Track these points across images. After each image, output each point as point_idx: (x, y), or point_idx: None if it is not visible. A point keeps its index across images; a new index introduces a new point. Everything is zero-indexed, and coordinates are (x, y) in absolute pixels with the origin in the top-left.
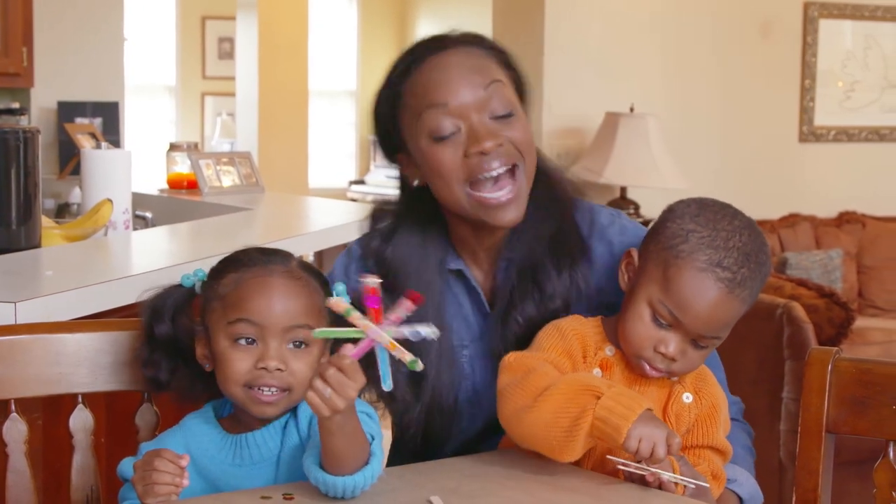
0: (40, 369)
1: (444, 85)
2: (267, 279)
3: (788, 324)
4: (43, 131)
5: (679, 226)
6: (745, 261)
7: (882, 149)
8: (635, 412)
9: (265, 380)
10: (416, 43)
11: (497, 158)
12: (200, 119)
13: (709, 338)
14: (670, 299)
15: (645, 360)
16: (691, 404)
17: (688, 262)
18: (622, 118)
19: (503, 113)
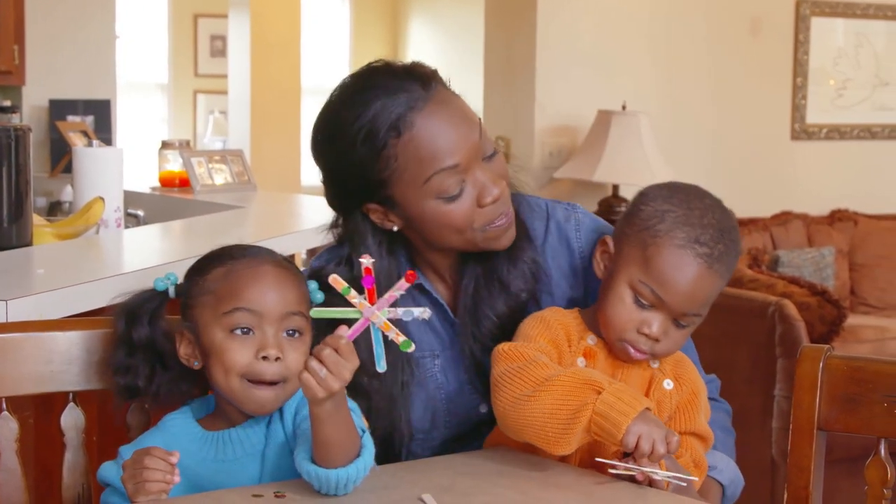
0: (32, 367)
1: (449, 146)
2: (260, 268)
3: (780, 322)
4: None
5: (654, 207)
6: (720, 237)
7: (874, 147)
8: (635, 409)
9: (265, 373)
10: (382, 88)
11: (502, 197)
12: (192, 117)
13: (690, 315)
14: (651, 278)
15: (628, 343)
16: (672, 391)
17: (666, 240)
18: (614, 116)
19: (490, 153)
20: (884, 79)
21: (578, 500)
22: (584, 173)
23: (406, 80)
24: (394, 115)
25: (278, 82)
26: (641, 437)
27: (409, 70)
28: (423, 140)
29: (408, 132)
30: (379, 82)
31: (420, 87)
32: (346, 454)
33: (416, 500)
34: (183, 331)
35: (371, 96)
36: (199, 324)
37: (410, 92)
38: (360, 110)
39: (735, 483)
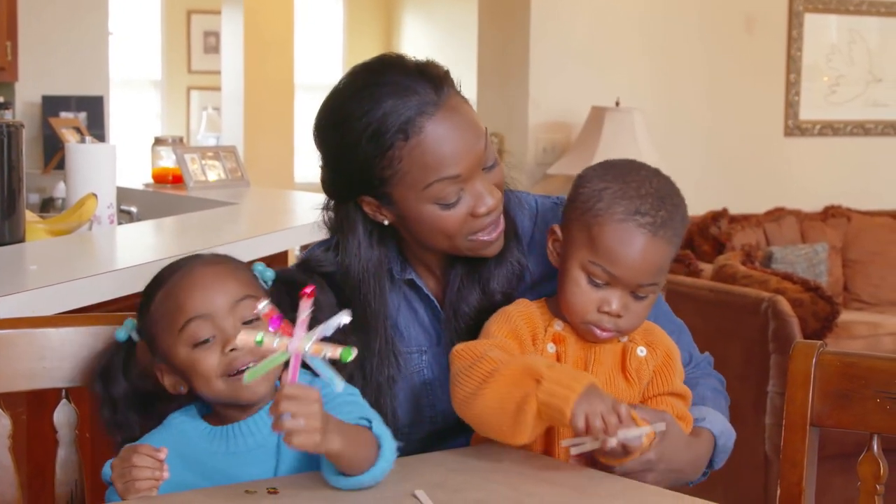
0: (24, 364)
1: (454, 156)
2: (190, 275)
3: (774, 318)
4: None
5: (591, 188)
6: (661, 203)
7: (867, 143)
8: (576, 391)
9: (240, 360)
10: (394, 86)
11: (496, 209)
12: (186, 113)
13: (646, 286)
14: (600, 257)
15: (592, 324)
16: (647, 356)
17: (607, 217)
18: (608, 112)
19: (491, 164)
20: (877, 75)
21: (570, 496)
22: (578, 169)
23: (419, 80)
24: (403, 117)
25: (272, 79)
26: (589, 416)
27: (423, 70)
28: (429, 147)
29: (415, 137)
30: (391, 79)
31: (432, 91)
32: (368, 458)
33: (409, 496)
34: (160, 364)
35: (382, 93)
36: (166, 351)
37: (422, 95)
38: (368, 106)
39: (726, 434)
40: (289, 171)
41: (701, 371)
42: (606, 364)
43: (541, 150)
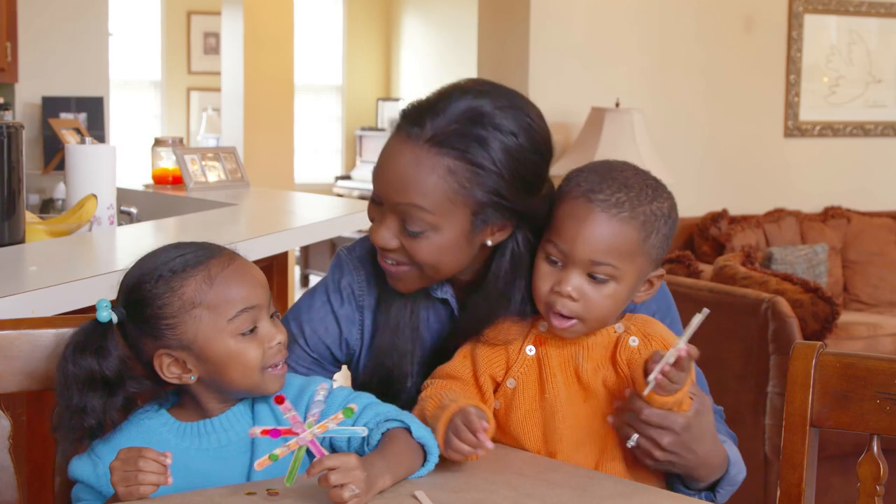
0: (24, 365)
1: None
2: (235, 265)
3: (773, 318)
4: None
5: (567, 179)
6: (623, 189)
7: (867, 144)
8: (442, 423)
9: (280, 355)
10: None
11: (381, 247)
12: (186, 114)
13: (601, 265)
14: (554, 233)
15: (549, 309)
16: (639, 346)
17: (565, 195)
18: (608, 113)
19: (411, 232)
20: (876, 76)
21: (570, 496)
22: None
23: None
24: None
25: (272, 79)
26: (458, 441)
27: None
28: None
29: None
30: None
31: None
32: (411, 468)
33: (409, 496)
34: (167, 352)
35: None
36: (195, 339)
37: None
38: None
39: (738, 466)
40: (289, 172)
41: (719, 418)
42: (596, 357)
43: None
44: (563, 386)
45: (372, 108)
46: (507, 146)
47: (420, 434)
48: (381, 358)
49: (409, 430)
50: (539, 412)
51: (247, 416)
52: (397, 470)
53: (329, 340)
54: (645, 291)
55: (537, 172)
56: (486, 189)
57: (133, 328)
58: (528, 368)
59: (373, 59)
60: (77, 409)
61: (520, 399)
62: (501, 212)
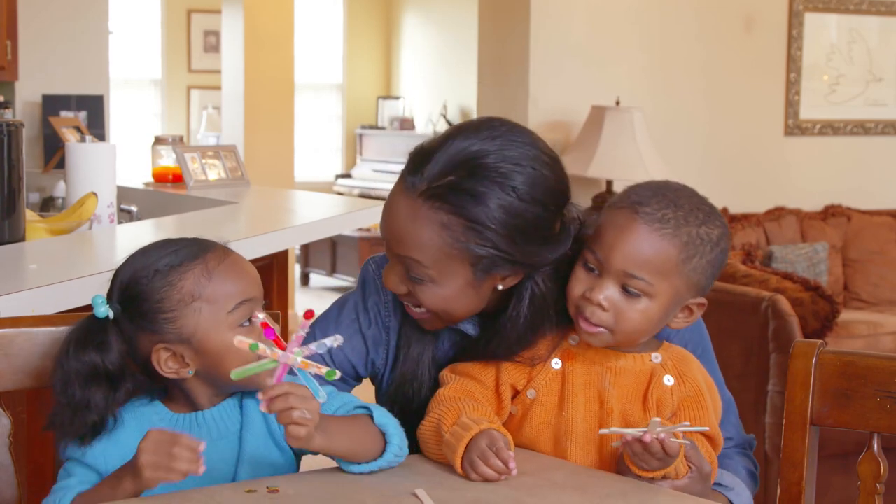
0: (24, 363)
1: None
2: (230, 258)
3: (774, 317)
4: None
5: (623, 191)
6: (671, 205)
7: (867, 142)
8: (462, 444)
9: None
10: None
11: (395, 293)
12: (186, 112)
13: (636, 279)
14: (595, 241)
15: (579, 314)
16: (673, 387)
17: (613, 205)
18: (608, 112)
19: (417, 279)
20: (877, 74)
21: (571, 495)
22: (578, 169)
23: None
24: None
25: (272, 78)
26: (484, 467)
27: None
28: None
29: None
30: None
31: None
32: (369, 449)
33: (409, 494)
34: (165, 346)
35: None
36: (195, 332)
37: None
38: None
39: None
40: (289, 170)
41: (742, 451)
42: (625, 387)
43: None
44: (582, 407)
45: (372, 106)
46: (505, 202)
47: (382, 421)
48: (403, 386)
49: (371, 417)
50: (553, 427)
51: (236, 410)
52: (341, 441)
53: (355, 359)
54: (683, 318)
55: (541, 225)
56: (483, 244)
57: (128, 324)
58: (551, 382)
59: (373, 58)
60: (80, 405)
61: (537, 411)
62: (505, 263)
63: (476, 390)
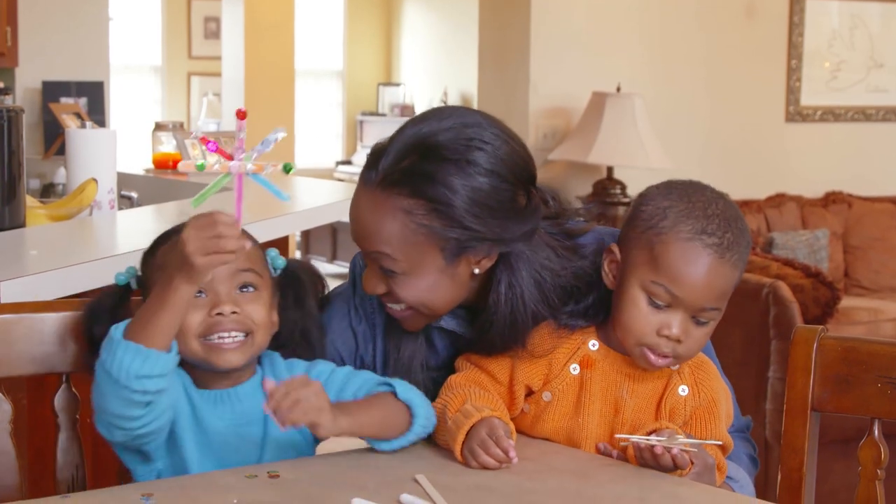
0: (25, 348)
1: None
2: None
3: (774, 303)
4: (27, 111)
5: (654, 206)
6: (727, 225)
7: (868, 129)
8: (462, 432)
9: (222, 325)
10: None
11: (374, 294)
12: (186, 99)
13: (709, 310)
14: (663, 276)
15: (648, 348)
16: (687, 397)
17: (672, 235)
18: (609, 98)
19: (389, 272)
20: (878, 60)
21: (571, 481)
22: (579, 155)
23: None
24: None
25: (272, 64)
26: (485, 455)
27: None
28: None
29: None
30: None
31: (370, 168)
32: (394, 425)
33: (411, 480)
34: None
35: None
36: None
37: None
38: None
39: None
40: (289, 156)
41: (741, 435)
42: (642, 396)
43: (541, 135)
44: (598, 414)
45: (373, 93)
46: (463, 178)
47: (406, 396)
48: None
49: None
50: (566, 431)
51: (259, 395)
52: (364, 418)
53: (345, 352)
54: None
55: (503, 198)
56: (446, 223)
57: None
58: (568, 387)
59: (373, 44)
60: (89, 368)
61: (552, 414)
62: (473, 242)
63: (486, 381)
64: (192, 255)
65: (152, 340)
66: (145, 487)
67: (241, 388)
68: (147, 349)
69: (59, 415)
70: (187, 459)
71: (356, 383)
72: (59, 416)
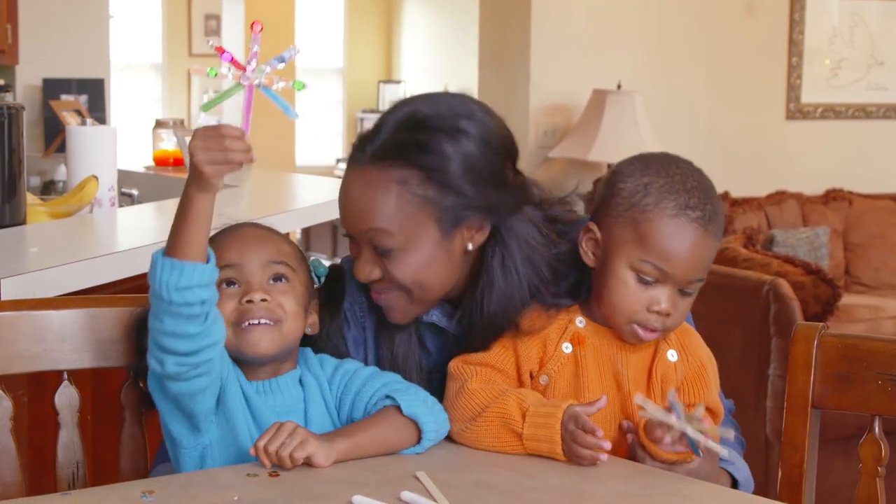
0: (25, 346)
1: (342, 215)
2: (238, 231)
3: (775, 301)
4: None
5: (634, 182)
6: (707, 197)
7: (869, 126)
8: (556, 429)
9: (253, 313)
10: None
11: (366, 281)
12: (187, 96)
13: (695, 282)
14: (652, 254)
15: (638, 324)
16: (677, 363)
17: (657, 212)
18: (609, 95)
19: (381, 250)
20: (878, 58)
21: (572, 478)
22: (579, 153)
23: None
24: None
25: None
26: (575, 447)
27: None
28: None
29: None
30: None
31: (359, 149)
32: (399, 441)
33: (411, 477)
34: None
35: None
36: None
37: (353, 150)
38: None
39: (748, 484)
40: (290, 154)
41: (728, 418)
42: (635, 367)
43: (542, 133)
44: (599, 390)
45: (373, 90)
46: (456, 146)
47: (412, 411)
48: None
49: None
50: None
51: (297, 387)
52: (360, 437)
53: (336, 356)
54: None
55: (494, 168)
56: (441, 191)
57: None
58: (563, 366)
59: (374, 42)
60: (140, 370)
61: (551, 396)
62: (468, 211)
63: (498, 377)
64: (201, 165)
65: (184, 253)
66: (146, 485)
67: (281, 378)
68: (181, 262)
69: (60, 412)
70: (238, 431)
71: (375, 385)
72: (59, 413)
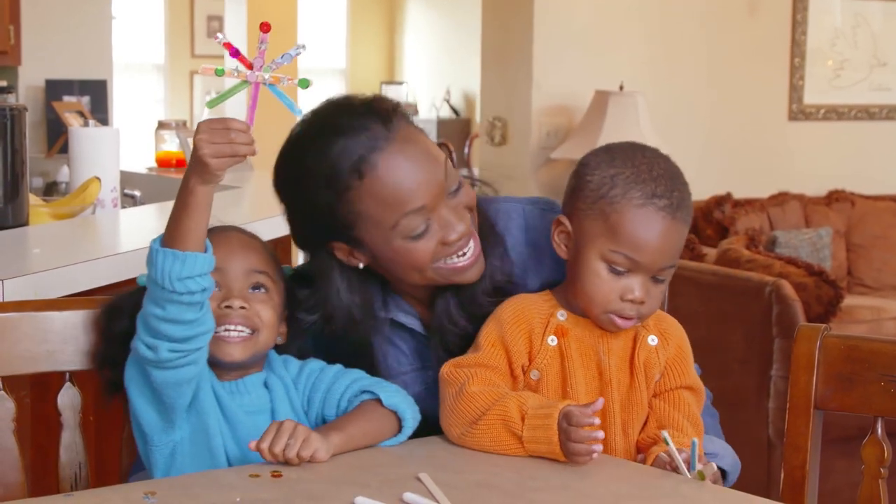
0: (28, 347)
1: (413, 188)
2: (224, 235)
3: (777, 302)
4: (30, 109)
5: (600, 175)
6: (673, 184)
7: (871, 127)
8: (554, 430)
9: (230, 318)
10: (343, 127)
11: (466, 235)
12: (189, 97)
13: (666, 268)
14: (622, 244)
15: (614, 314)
16: (658, 346)
17: (624, 203)
18: (611, 96)
19: (455, 187)
20: (881, 59)
21: (572, 478)
22: (582, 153)
23: (367, 117)
24: (355, 156)
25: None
26: (575, 445)
27: (370, 106)
28: (387, 182)
29: (370, 174)
30: (339, 121)
31: (381, 125)
32: (382, 431)
33: (413, 478)
34: None
35: (331, 136)
36: None
37: (372, 131)
38: (321, 151)
39: (735, 467)
40: None
41: (706, 407)
42: (616, 354)
43: (544, 134)
44: (583, 380)
45: (375, 91)
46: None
47: (392, 402)
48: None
49: (379, 400)
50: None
51: (263, 388)
52: (352, 430)
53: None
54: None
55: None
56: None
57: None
58: (551, 359)
59: (376, 43)
60: (102, 360)
61: (543, 391)
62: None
63: (495, 377)
64: (206, 157)
65: (184, 243)
66: (148, 486)
67: (248, 379)
68: (183, 252)
69: (63, 413)
70: (210, 429)
71: (345, 382)
72: (62, 414)
